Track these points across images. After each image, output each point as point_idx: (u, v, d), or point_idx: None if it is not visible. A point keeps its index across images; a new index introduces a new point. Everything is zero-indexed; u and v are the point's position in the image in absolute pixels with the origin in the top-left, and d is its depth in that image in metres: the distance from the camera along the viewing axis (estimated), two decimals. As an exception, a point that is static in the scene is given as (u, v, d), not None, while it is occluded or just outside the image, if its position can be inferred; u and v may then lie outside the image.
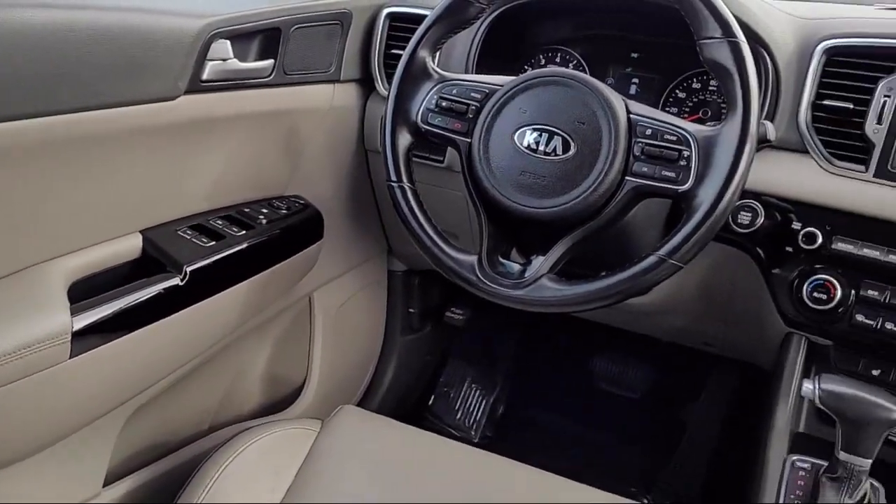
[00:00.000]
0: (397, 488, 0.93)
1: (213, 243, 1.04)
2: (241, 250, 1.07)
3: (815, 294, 0.99)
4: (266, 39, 1.07)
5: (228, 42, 0.99)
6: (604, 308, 0.86)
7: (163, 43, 0.89)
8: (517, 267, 0.90)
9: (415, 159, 1.00)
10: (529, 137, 0.88)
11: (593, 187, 0.84)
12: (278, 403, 1.42)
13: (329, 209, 1.29)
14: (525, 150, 0.88)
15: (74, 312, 0.86)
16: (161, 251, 1.00)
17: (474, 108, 0.92)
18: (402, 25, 1.23)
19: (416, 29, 0.96)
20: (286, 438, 1.00)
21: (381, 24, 1.25)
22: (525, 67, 1.26)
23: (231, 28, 0.99)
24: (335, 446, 0.98)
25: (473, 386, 1.82)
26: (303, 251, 1.22)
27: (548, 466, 0.97)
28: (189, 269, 0.99)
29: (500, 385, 1.82)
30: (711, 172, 0.80)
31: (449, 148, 1.14)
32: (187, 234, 1.04)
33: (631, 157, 0.84)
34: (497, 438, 1.76)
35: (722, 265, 1.11)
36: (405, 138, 0.96)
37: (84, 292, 0.90)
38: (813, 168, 1.00)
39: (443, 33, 0.96)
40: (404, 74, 0.96)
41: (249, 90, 1.06)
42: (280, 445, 0.98)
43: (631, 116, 0.85)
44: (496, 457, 0.99)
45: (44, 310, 0.84)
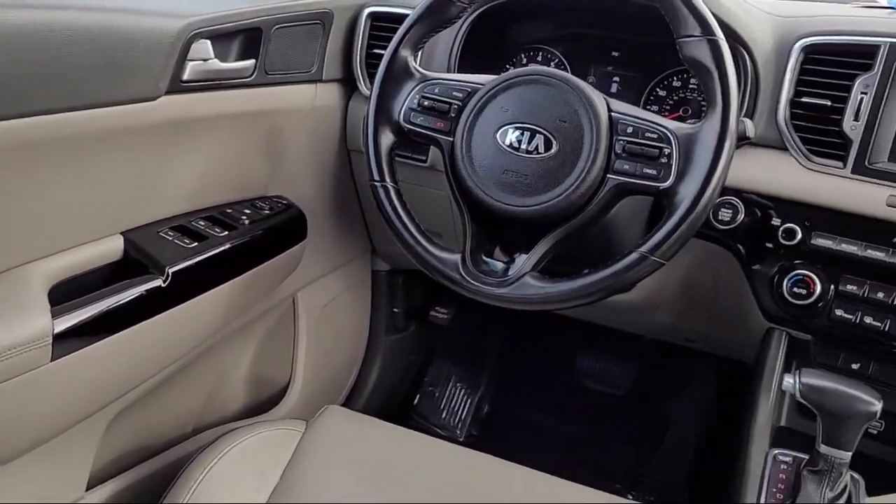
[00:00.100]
0: (383, 488, 0.93)
1: (196, 244, 1.04)
2: (224, 251, 1.06)
3: (795, 289, 1.00)
4: (247, 39, 1.07)
5: (209, 42, 0.99)
6: (587, 305, 0.86)
7: (143, 43, 0.89)
8: (500, 265, 0.90)
9: (398, 159, 1.00)
10: (512, 136, 0.88)
11: (575, 185, 0.85)
12: (263, 404, 1.42)
13: (312, 209, 1.29)
14: (507, 149, 0.88)
15: (55, 315, 0.85)
16: (143, 253, 0.99)
17: (456, 107, 0.93)
18: (384, 25, 1.23)
19: (398, 28, 0.96)
20: (271, 439, 0.99)
21: (363, 24, 1.24)
22: (507, 66, 1.27)
23: (212, 28, 0.98)
24: (320, 446, 0.98)
25: (458, 385, 1.82)
26: (286, 252, 1.21)
27: (533, 464, 0.97)
28: (171, 271, 0.98)
29: (485, 384, 1.83)
30: (692, 170, 0.81)
31: (432, 147, 1.14)
32: (169, 236, 1.04)
33: (612, 155, 0.85)
34: (482, 437, 1.77)
35: (703, 262, 1.12)
36: (388, 138, 0.96)
37: (65, 295, 0.89)
38: (792, 165, 1.01)
39: (424, 32, 0.96)
40: (386, 74, 0.96)
41: (231, 90, 1.06)
42: (265, 446, 0.98)
43: (612, 115, 0.86)
44: (482, 455, 0.99)
45: (24, 313, 0.83)
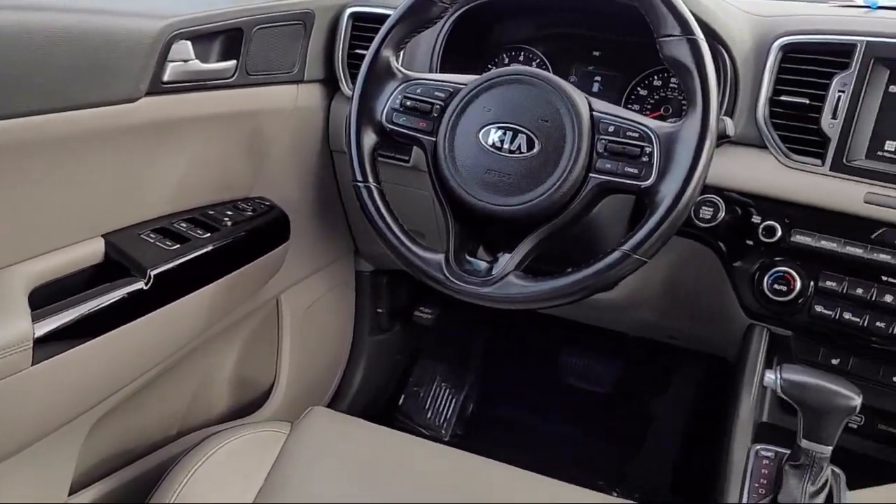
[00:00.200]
0: (369, 489, 0.93)
1: (178, 246, 1.03)
2: (207, 253, 1.06)
3: (776, 286, 1.01)
4: (228, 40, 1.06)
5: (189, 43, 0.98)
6: (571, 304, 0.87)
7: (122, 44, 0.88)
8: (484, 265, 0.90)
9: (380, 159, 1.00)
10: (494, 136, 0.88)
11: (558, 184, 0.85)
12: (247, 407, 1.41)
13: (295, 210, 1.28)
14: (490, 149, 0.88)
15: (36, 319, 0.84)
16: (124, 255, 0.99)
17: (439, 107, 0.93)
18: (366, 25, 1.23)
19: (380, 28, 0.96)
20: (255, 441, 0.99)
21: (345, 24, 1.24)
22: (488, 66, 1.27)
23: (192, 29, 0.98)
24: (305, 448, 0.98)
25: (443, 385, 1.82)
26: (269, 253, 1.21)
27: (518, 463, 0.98)
28: (153, 273, 0.98)
29: (470, 383, 1.83)
30: (673, 168, 0.81)
31: (414, 147, 1.14)
32: (151, 238, 1.03)
33: (594, 154, 0.85)
34: (467, 436, 1.77)
35: (685, 260, 1.12)
36: (370, 138, 0.96)
37: (46, 298, 0.89)
38: (771, 163, 1.02)
39: (406, 33, 0.96)
40: (368, 74, 0.96)
41: (212, 91, 1.05)
42: (249, 448, 0.98)
43: (594, 114, 0.86)
44: (467, 454, 0.99)
45: (5, 316, 0.82)
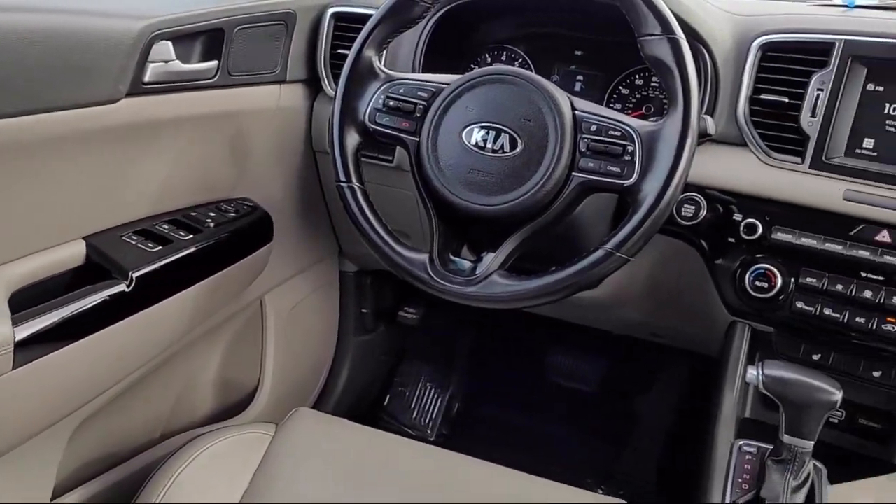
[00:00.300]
0: (354, 489, 0.92)
1: (160, 248, 1.02)
2: (189, 255, 1.05)
3: (757, 283, 1.02)
4: (209, 40, 1.06)
5: (170, 43, 0.98)
6: (555, 302, 0.87)
7: (102, 45, 0.88)
8: (468, 264, 0.91)
9: (364, 159, 1.00)
10: (477, 135, 0.89)
11: (541, 183, 0.85)
12: (232, 409, 1.40)
13: (278, 211, 1.28)
14: (473, 148, 0.89)
15: (16, 322, 0.84)
16: (106, 257, 0.98)
17: (422, 107, 0.93)
18: (348, 25, 1.23)
19: (362, 28, 0.96)
20: (240, 443, 0.98)
21: (327, 25, 1.24)
22: (471, 66, 1.27)
23: (172, 29, 0.97)
24: (290, 449, 0.97)
25: (428, 385, 1.82)
26: (252, 254, 1.20)
27: (503, 461, 0.98)
28: (135, 276, 0.97)
29: (455, 383, 1.83)
30: (655, 166, 0.82)
31: (398, 147, 1.14)
32: (132, 240, 1.02)
33: (577, 153, 0.86)
34: (453, 436, 1.77)
35: (668, 258, 1.13)
36: (353, 138, 0.96)
37: (26, 301, 0.88)
38: (752, 161, 1.03)
39: (388, 33, 0.96)
40: (351, 74, 0.96)
41: (193, 92, 1.05)
42: (234, 450, 0.97)
43: (576, 113, 0.87)
44: (452, 454, 1.00)
45: (-16, 320, 0.81)
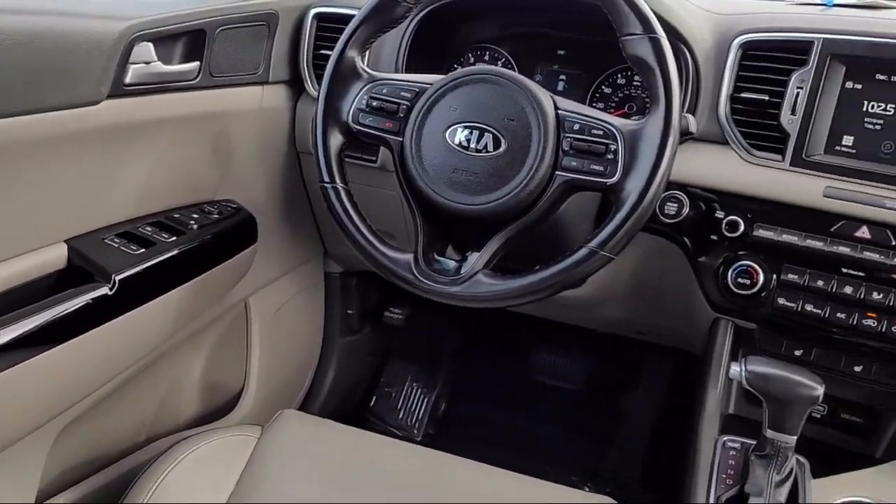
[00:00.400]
0: (341, 490, 0.92)
1: (143, 251, 1.02)
2: (172, 257, 1.05)
3: (739, 280, 1.03)
4: (191, 41, 1.05)
5: (151, 45, 0.97)
6: (539, 301, 0.87)
7: (82, 47, 0.87)
8: (453, 264, 0.91)
9: (347, 160, 1.00)
10: (461, 135, 0.89)
11: (525, 183, 0.85)
12: (217, 411, 1.40)
13: (262, 212, 1.28)
14: (457, 148, 0.89)
15: (-2, 327, 0.83)
16: (88, 261, 0.97)
17: (405, 107, 0.93)
18: (330, 26, 1.23)
19: (344, 29, 0.96)
20: (226, 446, 0.98)
21: (309, 25, 1.24)
22: (454, 66, 1.27)
23: (153, 30, 0.97)
24: (276, 451, 0.97)
25: (415, 385, 1.82)
26: (236, 256, 1.20)
27: (491, 461, 0.98)
28: (118, 278, 0.96)
29: (441, 382, 1.83)
30: (637, 165, 0.82)
31: (382, 148, 1.14)
32: (115, 242, 1.02)
33: (560, 152, 0.86)
34: (439, 436, 1.77)
35: (651, 256, 1.14)
36: (337, 139, 0.96)
37: (7, 306, 0.87)
38: (733, 158, 1.03)
39: (371, 33, 0.96)
40: (334, 75, 0.96)
41: (175, 93, 1.04)
42: (220, 453, 0.97)
43: (559, 112, 0.87)
44: (439, 454, 1.00)
45: (-35, 325, 0.81)
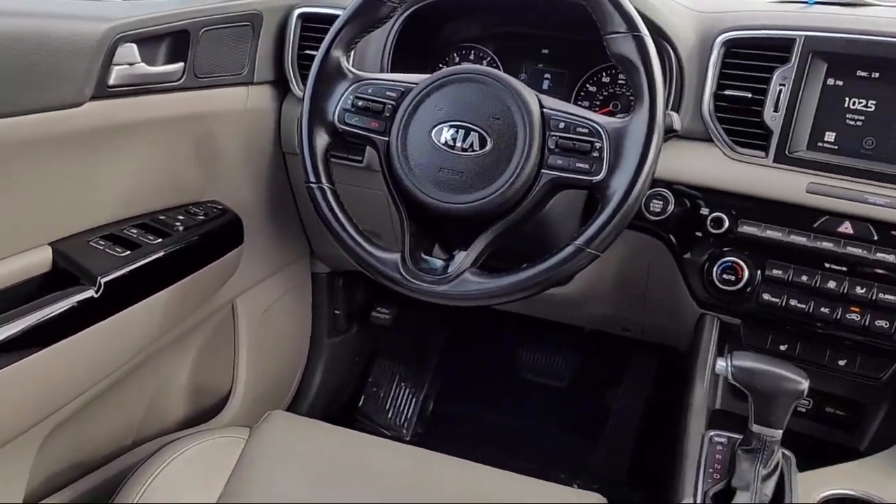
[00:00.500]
0: (331, 490, 0.92)
1: (129, 253, 1.01)
2: (158, 259, 1.04)
3: (724, 276, 1.04)
4: (175, 42, 1.05)
5: (135, 46, 0.97)
6: (527, 299, 0.88)
7: (65, 48, 0.86)
8: (440, 263, 0.91)
9: (333, 160, 1.00)
10: (446, 134, 0.89)
11: (511, 181, 0.86)
12: (205, 413, 1.39)
13: (248, 213, 1.27)
14: (442, 147, 0.89)
15: (-18, 331, 0.82)
16: (73, 263, 0.97)
17: (391, 107, 0.93)
18: (315, 26, 1.23)
19: (329, 29, 0.96)
20: (214, 447, 0.98)
21: (293, 25, 1.23)
22: (439, 65, 1.27)
23: (137, 31, 0.96)
24: (265, 452, 0.97)
25: (403, 384, 1.82)
26: (223, 257, 1.19)
27: (480, 459, 0.98)
28: (104, 281, 0.96)
29: (430, 382, 1.83)
30: (622, 163, 0.83)
31: (368, 148, 1.14)
32: (100, 245, 1.01)
33: (546, 151, 0.86)
34: (428, 435, 1.77)
35: (637, 253, 1.14)
36: (322, 139, 0.96)
37: (-8, 310, 0.87)
38: (717, 156, 1.04)
39: (356, 33, 0.96)
40: (319, 75, 0.96)
41: (160, 94, 1.04)
42: (208, 455, 0.96)
43: (544, 111, 0.87)
44: (428, 452, 1.00)
45: (-52, 330, 0.80)
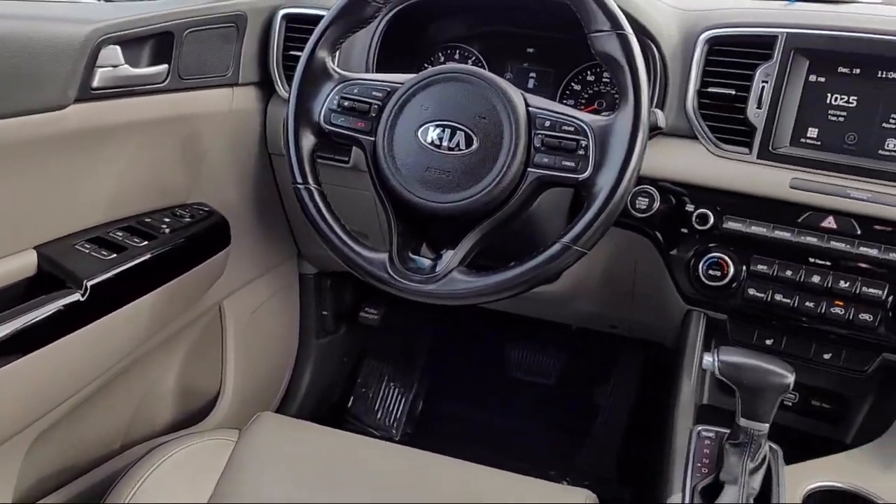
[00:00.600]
0: (321, 491, 0.92)
1: (115, 256, 1.01)
2: (145, 261, 1.04)
3: (710, 272, 1.05)
4: (158, 44, 1.05)
5: (119, 48, 0.96)
6: (514, 297, 0.88)
7: (48, 51, 0.86)
8: (428, 262, 0.91)
9: (320, 160, 1.00)
10: (433, 133, 0.89)
11: (497, 180, 0.86)
12: (193, 416, 1.39)
13: (235, 215, 1.27)
14: (429, 147, 0.89)
15: (-33, 336, 0.82)
16: (58, 267, 0.96)
17: (377, 107, 0.93)
18: (299, 26, 1.22)
19: (314, 30, 0.96)
20: (203, 450, 0.97)
21: (278, 26, 1.23)
22: (424, 65, 1.28)
23: (120, 33, 0.96)
24: (254, 454, 0.97)
25: (391, 384, 1.82)
26: (209, 259, 1.19)
27: (469, 457, 0.98)
28: (90, 284, 0.95)
29: (418, 381, 1.83)
30: (608, 160, 0.83)
31: (354, 148, 1.14)
32: (86, 248, 1.01)
33: (532, 149, 0.87)
34: (418, 434, 1.77)
35: (623, 250, 1.15)
36: (309, 139, 0.96)
37: (-24, 315, 0.86)
38: (702, 152, 1.05)
39: (341, 33, 0.96)
40: (304, 75, 0.96)
41: (144, 96, 1.03)
42: (197, 457, 0.96)
43: (530, 109, 0.88)
44: (418, 452, 1.00)
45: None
